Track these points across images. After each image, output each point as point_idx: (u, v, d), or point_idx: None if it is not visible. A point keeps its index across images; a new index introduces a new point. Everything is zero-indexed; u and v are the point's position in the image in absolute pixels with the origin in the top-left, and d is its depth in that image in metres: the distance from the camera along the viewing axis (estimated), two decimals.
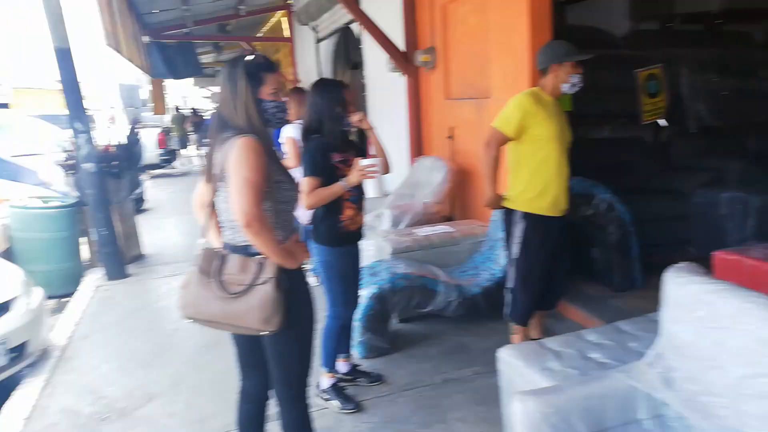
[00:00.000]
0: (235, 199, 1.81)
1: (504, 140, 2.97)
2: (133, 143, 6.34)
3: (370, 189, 2.79)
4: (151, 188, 10.95)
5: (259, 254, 1.89)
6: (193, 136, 17.22)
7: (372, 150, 2.97)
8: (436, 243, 4.15)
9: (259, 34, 14.10)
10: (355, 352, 3.44)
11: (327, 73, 9.14)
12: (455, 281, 3.81)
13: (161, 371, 3.60)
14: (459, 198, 5.23)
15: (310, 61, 10.37)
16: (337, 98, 2.81)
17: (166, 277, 5.62)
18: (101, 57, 23.14)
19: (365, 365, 3.39)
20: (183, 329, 4.28)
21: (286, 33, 12.37)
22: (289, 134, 3.99)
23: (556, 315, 3.87)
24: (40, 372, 3.64)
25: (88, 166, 5.25)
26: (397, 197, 5.06)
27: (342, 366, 3.21)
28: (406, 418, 2.93)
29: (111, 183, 5.67)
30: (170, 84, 18.54)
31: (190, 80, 21.99)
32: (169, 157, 15.37)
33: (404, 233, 4.29)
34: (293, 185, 2.02)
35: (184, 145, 17.28)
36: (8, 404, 3.26)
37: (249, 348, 2.11)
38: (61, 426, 3.04)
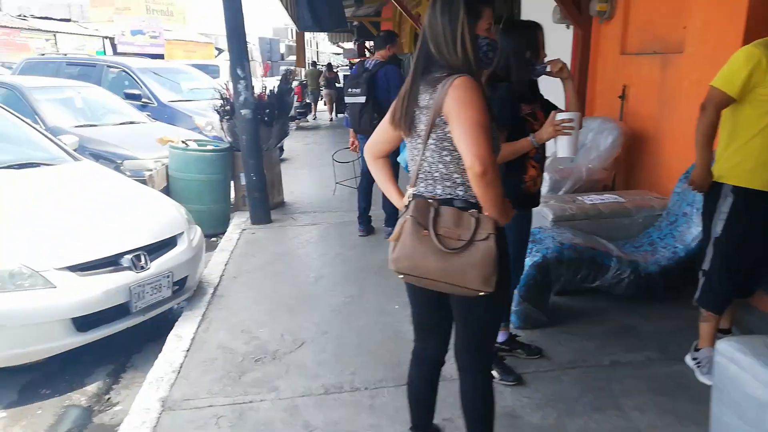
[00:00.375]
0: (466, 144, 1.58)
1: (726, 102, 2.51)
2: (285, 92, 6.38)
3: (562, 147, 2.45)
4: (288, 140, 11.26)
5: (468, 208, 1.69)
6: (325, 91, 17.46)
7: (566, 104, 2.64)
8: (605, 213, 3.74)
9: None
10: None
11: None
12: (629, 257, 3.42)
13: (307, 318, 3.60)
14: (626, 165, 4.72)
15: None
16: (529, 41, 2.52)
17: (306, 225, 5.69)
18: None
19: (521, 336, 3.16)
20: (325, 277, 4.30)
21: None
22: None
23: (744, 305, 3.37)
24: (196, 307, 3.78)
25: (245, 113, 5.33)
26: (557, 160, 4.65)
27: (500, 335, 2.99)
28: (574, 399, 2.68)
29: (262, 130, 5.77)
30: (306, 39, 18.86)
31: (324, 36, 22.30)
32: (305, 110, 15.75)
33: (567, 200, 3.92)
34: (499, 133, 1.77)
35: (317, 100, 17.64)
36: (171, 335, 3.40)
37: (432, 310, 1.95)
38: (220, 361, 3.11)
